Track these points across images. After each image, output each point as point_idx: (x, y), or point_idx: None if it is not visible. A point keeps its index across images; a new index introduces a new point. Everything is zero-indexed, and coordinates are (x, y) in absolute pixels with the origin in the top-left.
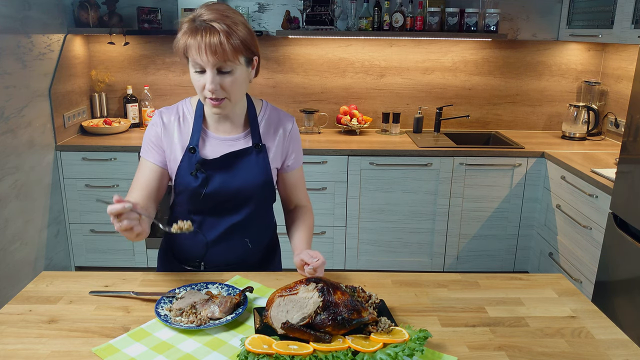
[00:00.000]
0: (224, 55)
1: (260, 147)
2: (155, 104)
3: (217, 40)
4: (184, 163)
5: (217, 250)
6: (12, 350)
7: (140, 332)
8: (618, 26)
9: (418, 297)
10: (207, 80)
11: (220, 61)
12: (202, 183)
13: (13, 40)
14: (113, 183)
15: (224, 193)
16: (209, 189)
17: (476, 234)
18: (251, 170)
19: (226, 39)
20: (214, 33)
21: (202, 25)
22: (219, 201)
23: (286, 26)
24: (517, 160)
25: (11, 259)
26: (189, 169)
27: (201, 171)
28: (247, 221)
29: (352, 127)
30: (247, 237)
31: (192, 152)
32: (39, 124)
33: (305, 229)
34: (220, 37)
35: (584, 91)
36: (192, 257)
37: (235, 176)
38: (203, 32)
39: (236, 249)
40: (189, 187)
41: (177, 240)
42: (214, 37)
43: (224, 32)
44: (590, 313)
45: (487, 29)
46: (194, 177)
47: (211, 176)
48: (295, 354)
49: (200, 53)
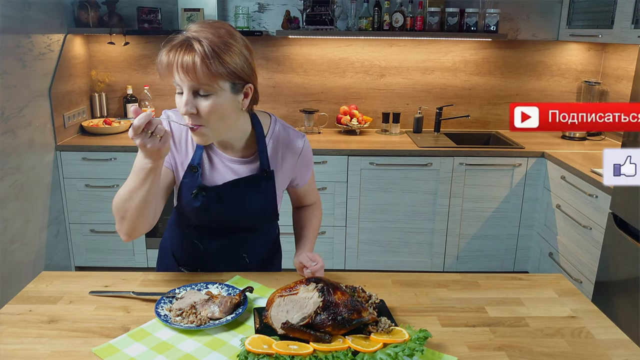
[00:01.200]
0: (196, 77)
1: (268, 174)
2: (155, 104)
3: (190, 60)
4: (185, 180)
5: (214, 259)
6: (12, 350)
7: (140, 332)
8: (618, 26)
9: (418, 297)
10: (180, 101)
11: (194, 83)
12: (202, 206)
13: (13, 40)
14: (113, 183)
15: (224, 219)
16: (209, 214)
17: (476, 234)
18: (256, 199)
19: (201, 60)
20: (190, 52)
21: (182, 42)
22: (219, 222)
23: (286, 26)
24: (517, 160)
25: (11, 259)
26: (190, 188)
27: (202, 194)
28: (248, 241)
29: (352, 127)
30: (246, 252)
31: (194, 170)
32: (39, 124)
33: (311, 229)
34: (195, 57)
35: (584, 91)
36: (190, 261)
37: (239, 204)
38: (179, 48)
39: (233, 262)
40: (190, 205)
41: (176, 242)
42: (188, 56)
43: (201, 53)
44: (590, 313)
45: (487, 29)
46: (194, 198)
47: (212, 202)
48: (295, 354)
49: (176, 71)
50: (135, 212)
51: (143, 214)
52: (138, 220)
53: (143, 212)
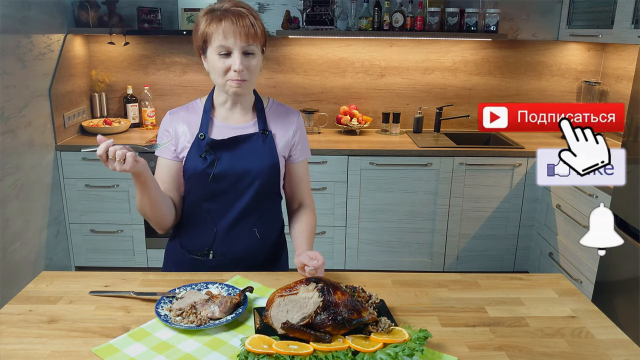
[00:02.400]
0: (255, 36)
1: (267, 134)
2: (155, 104)
3: (249, 22)
4: (193, 149)
5: (226, 239)
6: (12, 350)
7: (140, 332)
8: (618, 26)
9: (418, 297)
10: (234, 62)
11: (250, 43)
12: (211, 164)
13: (13, 40)
14: (113, 183)
15: (231, 174)
16: (217, 170)
17: (476, 234)
18: (258, 153)
19: (256, 22)
20: (244, 17)
21: (230, 12)
22: (226, 183)
23: (286, 26)
24: (517, 160)
25: (11, 259)
26: (199, 152)
27: (210, 153)
28: (255, 209)
29: (352, 127)
30: (256, 227)
31: (202, 138)
32: (39, 124)
33: (307, 229)
34: (251, 19)
35: (584, 91)
36: (201, 246)
37: (243, 158)
38: (232, 16)
39: (245, 239)
40: (198, 169)
41: (186, 228)
42: (245, 20)
43: (253, 16)
44: (590, 313)
45: (487, 29)
46: (202, 159)
47: (219, 157)
48: (295, 354)
49: (230, 36)
50: (151, 214)
51: (159, 213)
52: (158, 219)
53: (158, 212)
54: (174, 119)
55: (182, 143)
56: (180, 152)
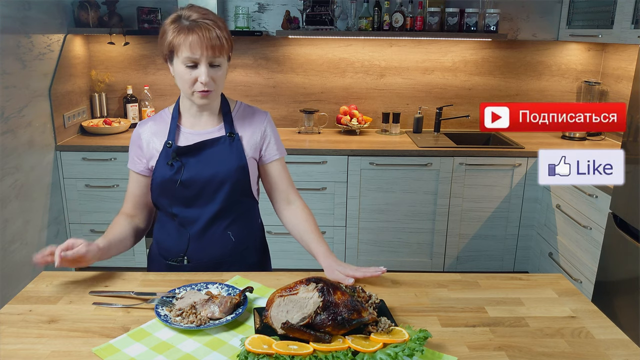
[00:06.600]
0: (221, 48)
1: (233, 136)
2: (155, 104)
3: (215, 35)
4: (161, 157)
5: (200, 245)
6: (12, 350)
7: (140, 332)
8: (618, 26)
9: (418, 297)
10: (201, 74)
11: (216, 55)
12: (177, 170)
13: (13, 40)
14: (113, 183)
15: (199, 179)
16: (185, 176)
17: (476, 234)
18: (225, 156)
19: (222, 33)
20: (211, 29)
21: (198, 24)
22: (195, 189)
23: (286, 26)
24: (517, 160)
25: (11, 259)
26: (166, 160)
27: (176, 160)
28: (227, 212)
29: (352, 127)
30: (230, 230)
31: (169, 146)
32: (39, 124)
33: (308, 229)
34: (217, 32)
35: (584, 91)
36: (176, 253)
37: (210, 162)
38: (200, 30)
39: (218, 243)
40: (165, 177)
41: (161, 235)
42: (212, 32)
43: (219, 28)
44: (590, 313)
45: (487, 29)
46: (169, 166)
47: (186, 163)
48: (295, 354)
49: (197, 49)
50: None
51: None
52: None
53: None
54: (143, 131)
55: (150, 153)
56: (149, 161)
